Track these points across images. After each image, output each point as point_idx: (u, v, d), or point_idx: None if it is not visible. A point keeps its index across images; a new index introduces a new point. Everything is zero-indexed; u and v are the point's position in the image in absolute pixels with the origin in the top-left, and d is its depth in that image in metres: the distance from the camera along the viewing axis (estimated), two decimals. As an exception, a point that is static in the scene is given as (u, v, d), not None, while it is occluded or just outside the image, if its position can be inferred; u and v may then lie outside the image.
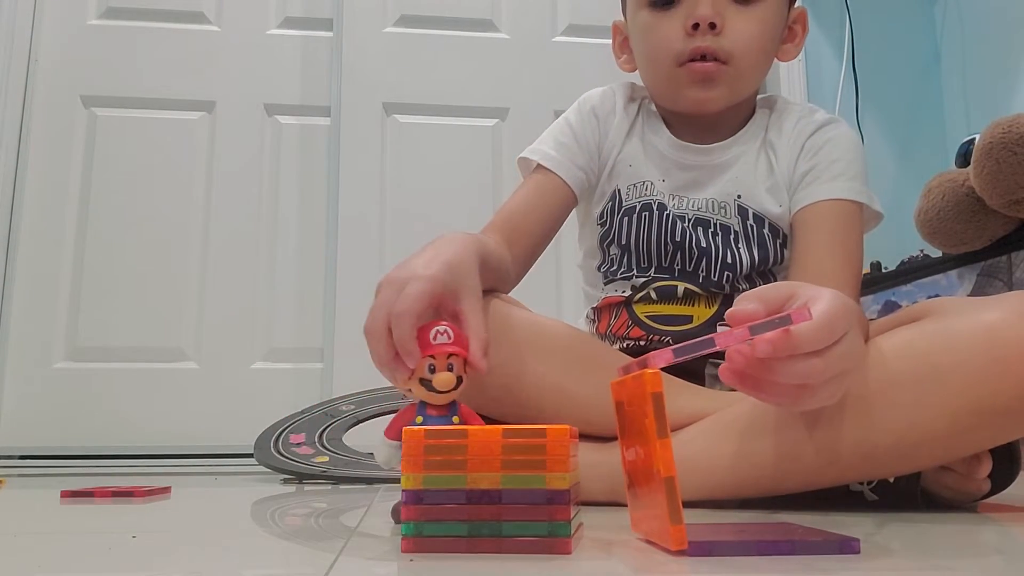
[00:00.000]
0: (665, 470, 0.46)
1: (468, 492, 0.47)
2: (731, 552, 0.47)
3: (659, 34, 0.91)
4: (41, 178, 1.94)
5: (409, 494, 0.48)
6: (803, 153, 0.93)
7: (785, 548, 0.47)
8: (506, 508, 0.47)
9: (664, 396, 0.47)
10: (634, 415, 0.51)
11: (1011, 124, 1.31)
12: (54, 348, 1.88)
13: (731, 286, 0.92)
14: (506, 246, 0.87)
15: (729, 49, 0.88)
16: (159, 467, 1.66)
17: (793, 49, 0.97)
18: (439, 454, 0.48)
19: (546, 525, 0.47)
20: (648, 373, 0.48)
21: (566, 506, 0.47)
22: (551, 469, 0.47)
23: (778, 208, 0.92)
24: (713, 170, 0.95)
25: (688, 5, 0.89)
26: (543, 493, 0.47)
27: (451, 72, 2.08)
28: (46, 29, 2.01)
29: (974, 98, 2.04)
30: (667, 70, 0.91)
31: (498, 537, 0.47)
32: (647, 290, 0.94)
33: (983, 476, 0.72)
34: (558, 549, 0.47)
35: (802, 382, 0.56)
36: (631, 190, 0.96)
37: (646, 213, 0.94)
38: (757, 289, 0.59)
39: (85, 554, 0.56)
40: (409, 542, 0.48)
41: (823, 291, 0.57)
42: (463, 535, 0.47)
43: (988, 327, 0.64)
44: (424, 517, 0.48)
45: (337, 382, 1.85)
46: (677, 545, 0.46)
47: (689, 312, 0.93)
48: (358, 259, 1.95)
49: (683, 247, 0.93)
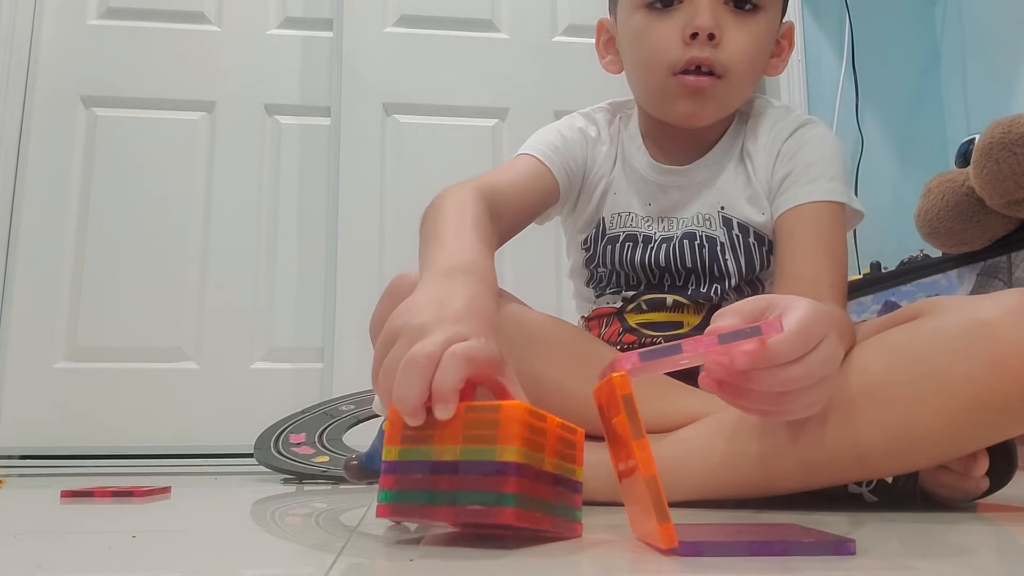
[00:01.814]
0: (645, 470, 0.46)
1: (433, 464, 0.50)
2: (722, 552, 0.47)
3: (654, 39, 0.88)
4: (41, 178, 1.94)
5: (387, 465, 0.52)
6: (779, 158, 0.91)
7: (778, 549, 0.46)
8: (462, 479, 0.49)
9: (634, 397, 0.47)
10: (615, 417, 0.51)
11: (1011, 124, 1.31)
12: (54, 348, 1.89)
13: (719, 296, 0.92)
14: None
15: (725, 62, 0.86)
16: (159, 467, 1.66)
17: (780, 63, 0.96)
18: (413, 429, 0.51)
19: (493, 495, 0.48)
20: (615, 376, 0.48)
21: (515, 478, 0.48)
22: (502, 442, 0.48)
23: (761, 216, 0.92)
24: (695, 188, 0.94)
25: (687, 11, 0.87)
26: (493, 465, 0.48)
27: (451, 72, 2.08)
28: (46, 29, 2.01)
29: (974, 98, 2.04)
30: (660, 79, 0.89)
31: (452, 505, 0.49)
32: (637, 302, 0.94)
33: (980, 474, 0.72)
34: (503, 518, 0.48)
35: (781, 389, 0.56)
36: (615, 219, 0.95)
37: (629, 244, 0.94)
38: (734, 304, 0.59)
39: (85, 554, 0.56)
40: (383, 508, 0.52)
41: (797, 300, 0.57)
42: (425, 503, 0.50)
43: (984, 325, 0.64)
44: (396, 487, 0.51)
45: (337, 382, 1.85)
46: (667, 544, 0.45)
47: (679, 319, 0.93)
48: (358, 259, 1.95)
49: (670, 269, 0.93)
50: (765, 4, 0.89)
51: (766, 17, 0.89)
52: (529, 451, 0.49)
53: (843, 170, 0.91)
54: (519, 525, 0.48)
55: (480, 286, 0.62)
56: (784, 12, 0.94)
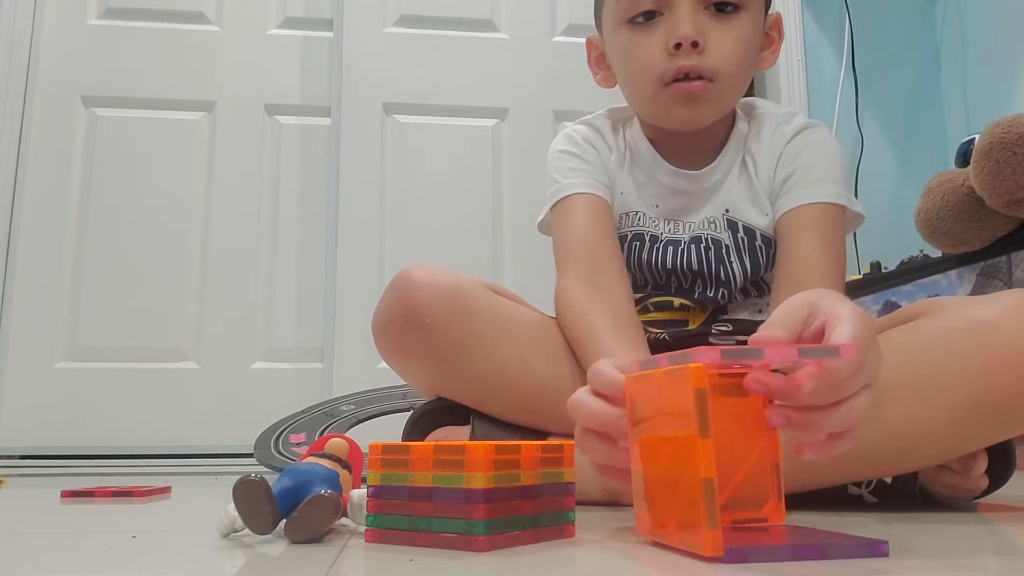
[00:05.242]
0: (705, 471, 0.44)
1: (410, 489, 0.53)
2: (766, 558, 0.46)
3: (641, 54, 0.88)
4: (41, 178, 1.94)
5: (371, 489, 0.55)
6: (781, 161, 0.92)
7: (817, 552, 0.47)
8: (436, 505, 0.52)
9: (707, 394, 0.45)
10: (662, 411, 0.50)
11: (1011, 124, 1.31)
12: (54, 348, 1.88)
13: (726, 300, 0.93)
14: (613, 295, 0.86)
15: (713, 66, 0.86)
16: (159, 467, 1.67)
17: (771, 56, 0.96)
18: (390, 454, 0.55)
19: (464, 523, 0.50)
20: (692, 367, 0.46)
21: (484, 505, 0.50)
22: (469, 470, 0.50)
23: (764, 218, 0.92)
24: (704, 193, 0.94)
25: (669, 23, 0.87)
26: (461, 492, 0.51)
27: (451, 72, 2.08)
28: (46, 29, 2.01)
29: (974, 98, 2.04)
30: (652, 91, 0.89)
31: (429, 532, 0.52)
32: (644, 303, 0.95)
33: (979, 474, 0.72)
34: (475, 547, 0.50)
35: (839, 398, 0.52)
36: (623, 219, 0.95)
37: (636, 243, 0.94)
38: (777, 315, 0.56)
39: (85, 554, 0.56)
40: (370, 533, 0.55)
41: (839, 306, 0.54)
42: (406, 528, 0.53)
43: (984, 325, 0.64)
44: (380, 511, 0.54)
45: (337, 382, 1.85)
46: (712, 551, 0.44)
47: (684, 317, 0.94)
48: (358, 259, 1.95)
49: (676, 271, 0.93)
50: (746, 3, 0.88)
51: (748, 15, 0.89)
52: (499, 473, 0.51)
53: (844, 173, 0.92)
54: (493, 550, 0.50)
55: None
56: (768, 5, 0.94)
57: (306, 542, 0.55)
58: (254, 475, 0.55)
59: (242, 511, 0.56)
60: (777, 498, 0.52)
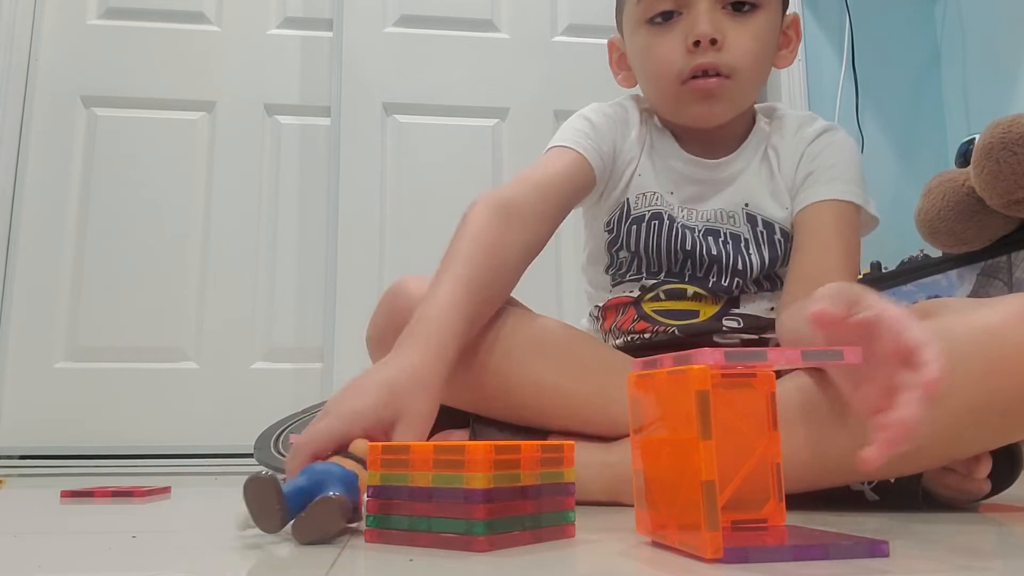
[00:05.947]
0: (706, 473, 0.45)
1: (410, 489, 0.53)
2: (767, 558, 0.46)
3: (660, 53, 0.91)
4: (41, 178, 1.94)
5: (371, 489, 0.55)
6: (804, 158, 0.94)
7: (818, 553, 0.47)
8: (436, 505, 0.52)
9: (711, 396, 0.45)
10: (664, 412, 0.50)
11: (1011, 124, 1.31)
12: (54, 348, 1.88)
13: (740, 290, 0.93)
14: (524, 221, 0.86)
15: (731, 63, 0.89)
16: (159, 467, 1.67)
17: (789, 55, 0.98)
18: (390, 454, 0.55)
19: (464, 523, 0.50)
20: (695, 369, 0.46)
21: (484, 505, 0.50)
22: (469, 470, 0.50)
23: (783, 211, 0.94)
24: (720, 183, 0.96)
25: (687, 21, 0.89)
26: (461, 492, 0.50)
27: (451, 72, 2.08)
28: (46, 29, 2.01)
29: (974, 98, 2.04)
30: (671, 88, 0.92)
31: (429, 532, 0.52)
32: (656, 291, 0.95)
33: (983, 476, 0.72)
34: (476, 547, 0.50)
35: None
36: (640, 199, 0.96)
37: (655, 222, 0.95)
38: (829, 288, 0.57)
39: (85, 554, 0.56)
40: (371, 533, 0.55)
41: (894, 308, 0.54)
42: (406, 528, 0.53)
43: (988, 328, 0.64)
44: (380, 511, 0.54)
45: (337, 382, 1.85)
46: (712, 553, 0.44)
47: (696, 307, 0.94)
48: (358, 259, 1.95)
49: (693, 255, 0.93)
50: (763, 2, 0.91)
51: (766, 14, 0.91)
52: (499, 473, 0.51)
53: (861, 176, 0.94)
54: (493, 551, 0.50)
55: (423, 353, 0.71)
56: (786, 6, 0.96)
57: (314, 543, 0.55)
58: (264, 472, 0.55)
59: (251, 509, 0.55)
60: (778, 498, 0.52)
